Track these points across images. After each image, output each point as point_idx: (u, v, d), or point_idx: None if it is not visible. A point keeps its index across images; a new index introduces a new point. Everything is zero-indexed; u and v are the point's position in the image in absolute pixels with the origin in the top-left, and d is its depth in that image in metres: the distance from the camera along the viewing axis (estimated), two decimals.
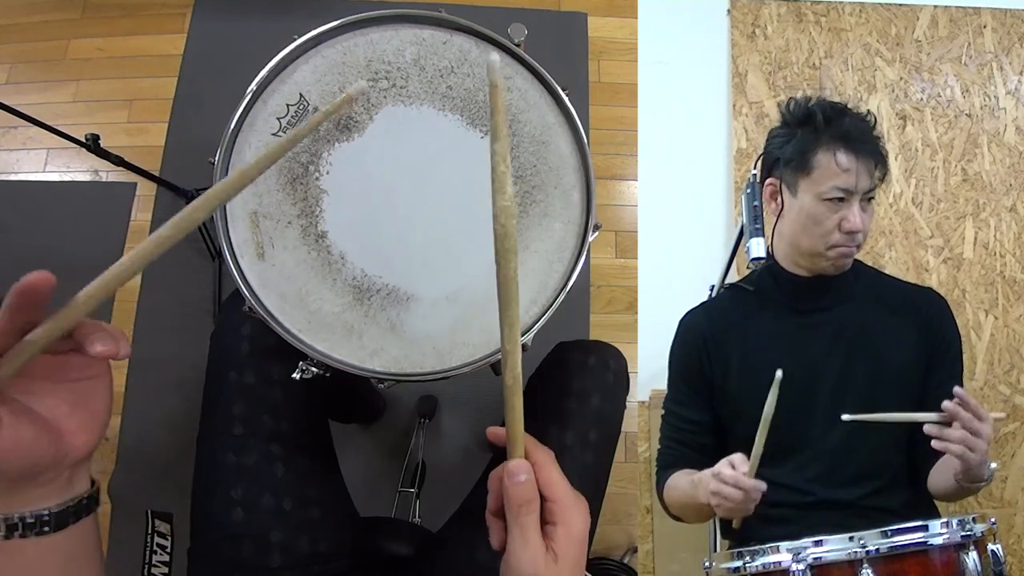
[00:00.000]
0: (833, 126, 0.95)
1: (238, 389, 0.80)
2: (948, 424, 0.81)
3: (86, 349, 0.39)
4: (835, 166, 0.93)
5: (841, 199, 0.93)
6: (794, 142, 0.98)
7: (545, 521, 0.45)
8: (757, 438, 0.81)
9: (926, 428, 0.82)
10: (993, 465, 0.84)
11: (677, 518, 1.06)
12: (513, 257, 0.39)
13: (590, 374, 0.86)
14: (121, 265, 0.38)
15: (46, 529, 0.43)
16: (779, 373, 0.77)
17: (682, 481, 0.99)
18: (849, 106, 0.98)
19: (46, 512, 0.43)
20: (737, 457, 0.84)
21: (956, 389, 0.80)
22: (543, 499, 0.45)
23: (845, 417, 0.85)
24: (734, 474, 0.81)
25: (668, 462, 1.06)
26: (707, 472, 0.89)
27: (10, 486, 0.41)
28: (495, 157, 0.36)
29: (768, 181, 1.04)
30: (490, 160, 0.37)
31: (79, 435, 0.43)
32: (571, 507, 0.45)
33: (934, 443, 0.82)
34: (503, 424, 0.48)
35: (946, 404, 0.80)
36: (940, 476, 0.93)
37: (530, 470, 0.44)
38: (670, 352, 1.12)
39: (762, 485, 0.81)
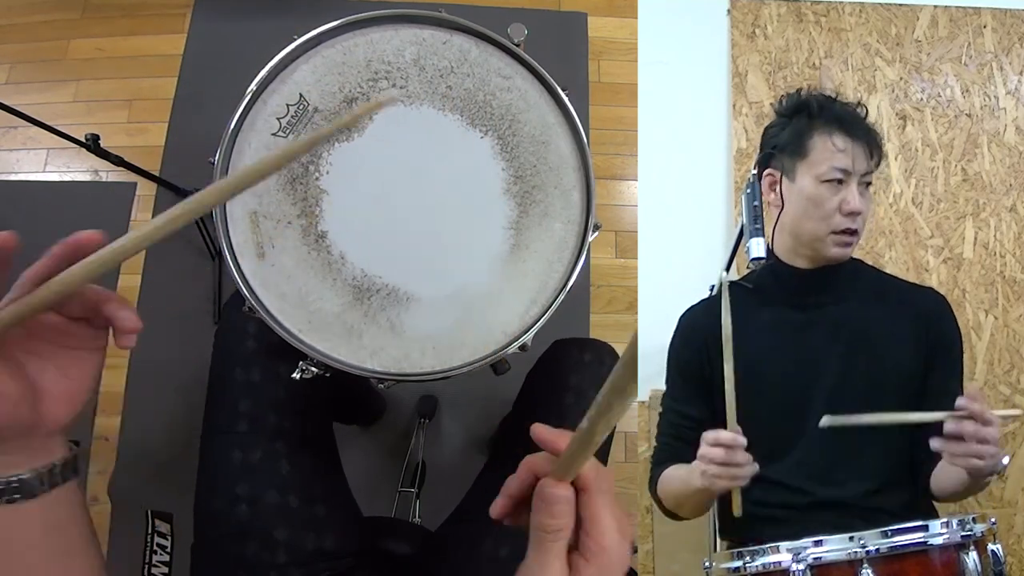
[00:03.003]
0: (827, 111, 0.98)
1: (244, 386, 0.80)
2: (939, 424, 0.79)
3: (117, 322, 0.42)
4: (832, 146, 0.95)
5: (840, 180, 0.95)
6: (789, 129, 1.00)
7: (575, 549, 0.39)
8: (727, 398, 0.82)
9: (932, 444, 0.81)
10: (1006, 460, 0.83)
11: (672, 514, 1.05)
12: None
13: (587, 370, 0.87)
14: (124, 241, 0.39)
15: (16, 496, 0.42)
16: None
17: (678, 471, 0.99)
18: (839, 97, 1.01)
19: (15, 479, 0.42)
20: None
21: (959, 401, 0.78)
22: (583, 531, 0.39)
23: (824, 422, 0.78)
24: (714, 434, 0.82)
25: (664, 458, 1.06)
26: None
27: None
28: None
29: (767, 172, 1.05)
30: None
31: (59, 404, 0.44)
32: (610, 549, 0.38)
33: (945, 458, 0.80)
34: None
35: (948, 427, 0.78)
36: (947, 472, 0.92)
37: (571, 500, 0.39)
38: (669, 348, 1.12)
39: (741, 440, 0.81)
